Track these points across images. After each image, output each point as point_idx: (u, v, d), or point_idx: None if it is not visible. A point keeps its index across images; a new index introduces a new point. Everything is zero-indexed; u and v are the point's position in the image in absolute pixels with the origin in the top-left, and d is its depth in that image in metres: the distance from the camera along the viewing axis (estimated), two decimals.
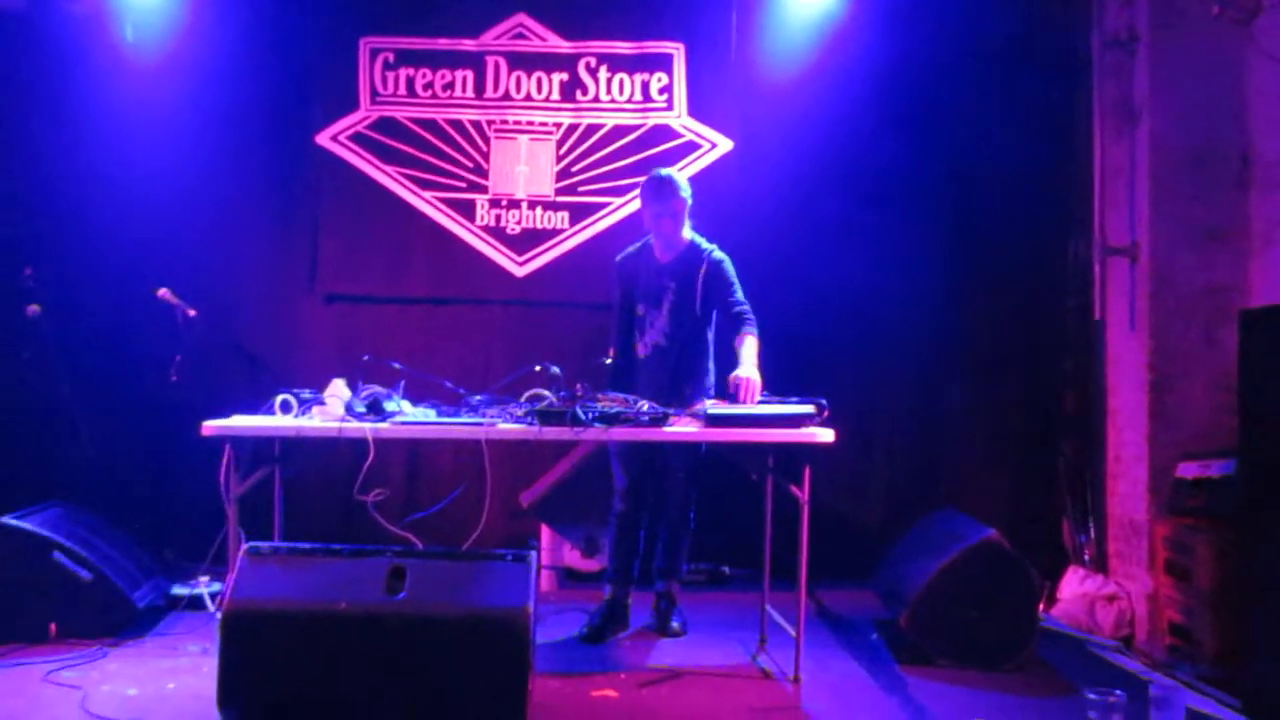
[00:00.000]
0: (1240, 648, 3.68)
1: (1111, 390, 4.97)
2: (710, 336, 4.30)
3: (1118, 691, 3.11)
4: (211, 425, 3.46)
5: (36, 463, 4.95)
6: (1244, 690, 3.58)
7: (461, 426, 3.58)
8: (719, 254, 4.30)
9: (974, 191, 5.38)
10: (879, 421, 5.42)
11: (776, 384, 3.93)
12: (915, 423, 5.45)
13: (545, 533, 5.12)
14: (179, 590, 4.53)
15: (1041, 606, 4.33)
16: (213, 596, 4.41)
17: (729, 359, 4.10)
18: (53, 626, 3.97)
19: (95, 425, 5.10)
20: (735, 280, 4.25)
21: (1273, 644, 3.42)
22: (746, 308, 4.20)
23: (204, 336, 4.76)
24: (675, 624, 4.33)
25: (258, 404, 3.71)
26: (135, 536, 4.58)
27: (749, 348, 4.05)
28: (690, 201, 4.27)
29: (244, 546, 3.24)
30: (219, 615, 3.15)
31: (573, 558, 5.11)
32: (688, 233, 4.33)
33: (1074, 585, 4.89)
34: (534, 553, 3.37)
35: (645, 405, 3.61)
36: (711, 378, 4.29)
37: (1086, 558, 5.04)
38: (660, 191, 4.23)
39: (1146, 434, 4.59)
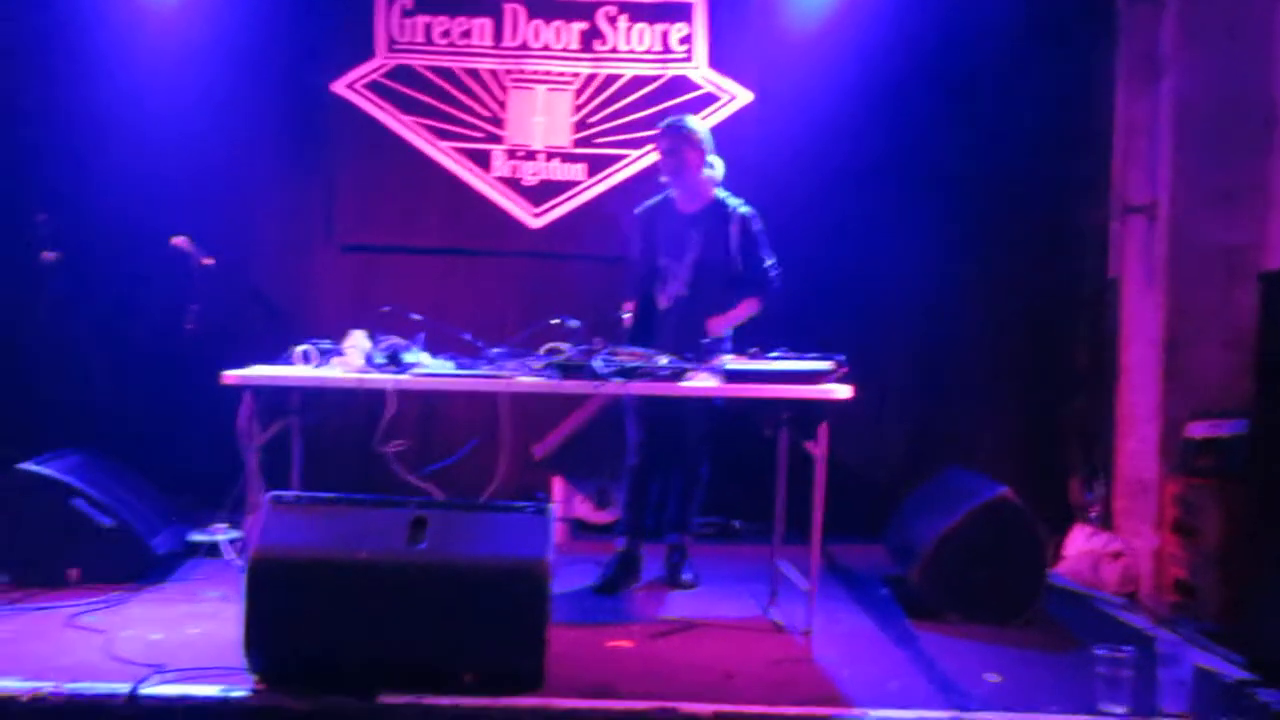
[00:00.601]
0: (1245, 605, 3.72)
1: (1124, 348, 4.97)
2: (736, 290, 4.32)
3: (1126, 648, 3.16)
4: (232, 375, 3.46)
5: (55, 410, 4.99)
6: (1248, 646, 3.63)
7: (482, 379, 3.59)
8: (746, 209, 4.30)
9: (993, 147, 5.34)
10: (891, 377, 5.42)
11: (790, 339, 3.93)
12: (926, 379, 5.46)
13: (557, 484, 5.16)
14: (197, 537, 4.57)
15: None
16: (230, 544, 4.46)
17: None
18: (74, 572, 4.02)
19: (111, 373, 5.14)
20: (764, 239, 4.29)
21: (1278, 601, 3.46)
22: (772, 273, 4.28)
23: (219, 285, 4.77)
24: (687, 576, 4.38)
25: (274, 354, 3.70)
26: (153, 483, 4.62)
27: (741, 307, 4.26)
28: (705, 145, 4.26)
29: (269, 495, 3.27)
30: (240, 562, 3.18)
31: (584, 509, 5.15)
32: (714, 187, 4.31)
33: (1079, 542, 4.93)
34: (553, 505, 3.40)
35: (665, 359, 3.62)
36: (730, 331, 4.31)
37: (1092, 515, 5.07)
38: (666, 130, 4.28)
39: (1159, 393, 4.59)
